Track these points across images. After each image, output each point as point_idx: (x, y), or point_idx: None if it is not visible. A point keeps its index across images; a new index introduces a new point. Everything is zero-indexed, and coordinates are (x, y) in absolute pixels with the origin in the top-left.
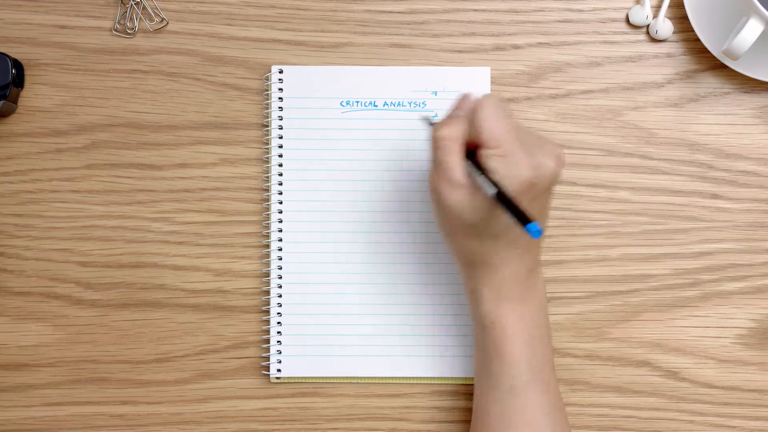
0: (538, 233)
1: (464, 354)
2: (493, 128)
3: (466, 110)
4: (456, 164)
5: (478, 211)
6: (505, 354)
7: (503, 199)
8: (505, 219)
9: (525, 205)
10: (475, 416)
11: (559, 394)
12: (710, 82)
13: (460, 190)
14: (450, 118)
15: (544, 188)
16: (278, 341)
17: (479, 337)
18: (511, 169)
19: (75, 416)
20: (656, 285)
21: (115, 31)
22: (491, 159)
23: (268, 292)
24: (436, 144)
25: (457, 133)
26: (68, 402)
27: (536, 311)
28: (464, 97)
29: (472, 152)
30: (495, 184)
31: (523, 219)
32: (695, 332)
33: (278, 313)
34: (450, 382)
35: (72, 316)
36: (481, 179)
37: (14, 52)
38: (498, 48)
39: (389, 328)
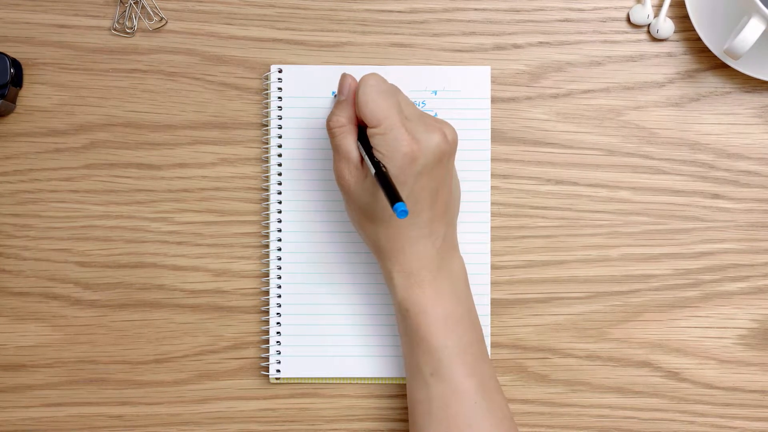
0: (404, 213)
1: None
2: (372, 107)
3: (347, 92)
4: (349, 147)
5: (369, 193)
6: (423, 339)
7: (380, 177)
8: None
9: (411, 180)
10: (409, 405)
11: (492, 375)
12: (711, 82)
13: (355, 172)
14: (338, 104)
15: (431, 163)
16: (277, 341)
17: (400, 325)
18: (392, 144)
19: (74, 417)
20: (657, 285)
21: (114, 30)
22: (374, 137)
23: (267, 293)
24: (330, 133)
25: (345, 118)
26: (67, 403)
27: (452, 293)
28: (343, 79)
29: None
30: (377, 162)
31: (392, 197)
32: (696, 333)
33: (277, 314)
34: None
35: (71, 316)
36: (367, 159)
37: (13, 51)
38: (498, 47)
39: (389, 329)
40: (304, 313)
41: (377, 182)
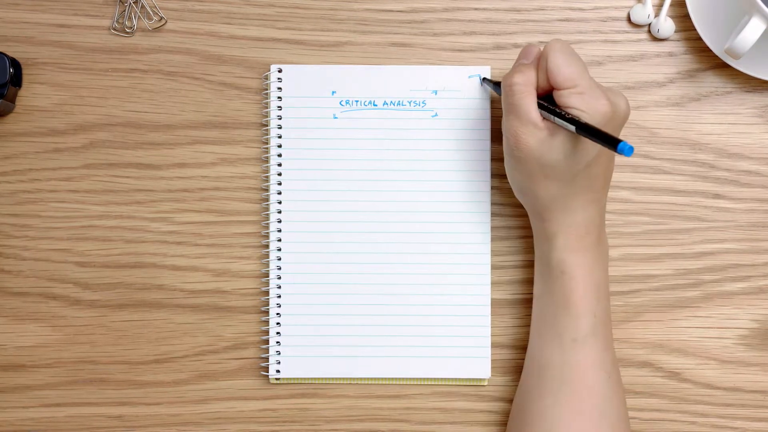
0: (631, 149)
1: (464, 355)
2: (567, 70)
3: (533, 58)
4: (532, 107)
5: (558, 151)
6: (572, 305)
7: (587, 128)
8: (585, 157)
9: None
10: (530, 366)
11: (615, 354)
12: (712, 82)
13: (538, 131)
14: (519, 66)
15: (618, 125)
16: (277, 342)
17: (547, 286)
18: (591, 103)
19: (73, 417)
20: (658, 285)
21: (114, 30)
22: (570, 97)
23: (267, 293)
24: (510, 90)
25: (529, 78)
26: (66, 403)
27: (605, 262)
28: (529, 46)
29: (543, 98)
30: (575, 120)
31: (612, 141)
32: (697, 333)
33: (277, 314)
34: (450, 383)
35: (70, 316)
36: (559, 120)
37: (12, 51)
38: (499, 47)
39: (389, 329)
40: (304, 313)
41: (583, 134)
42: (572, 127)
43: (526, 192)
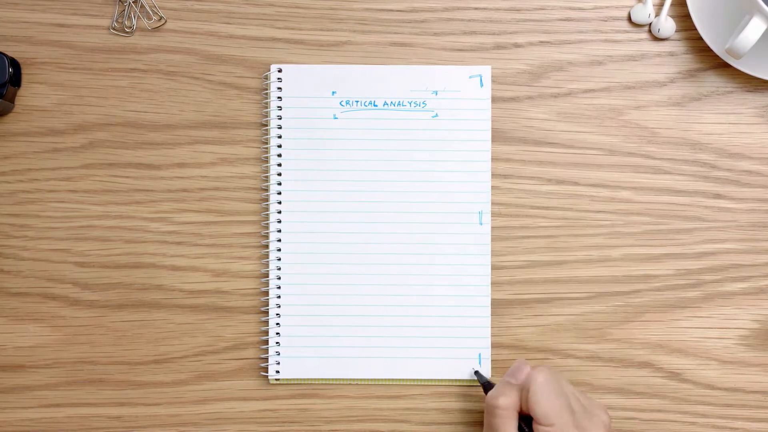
0: None
1: (464, 356)
2: (546, 406)
3: (521, 379)
4: (509, 431)
5: None
6: None
7: None
8: None
9: None
10: None
11: None
12: (713, 81)
13: None
14: (505, 385)
15: None
16: (277, 342)
17: None
18: None
19: (72, 418)
20: (658, 285)
21: (113, 29)
22: None
23: (267, 293)
24: (492, 411)
25: (512, 402)
26: (65, 403)
27: None
28: (519, 366)
29: (525, 419)
30: None
31: None
32: (698, 333)
33: (277, 314)
34: (450, 383)
35: (69, 316)
36: None
37: (11, 50)
38: (499, 47)
39: (389, 330)
40: (303, 314)
41: None
42: None
43: None
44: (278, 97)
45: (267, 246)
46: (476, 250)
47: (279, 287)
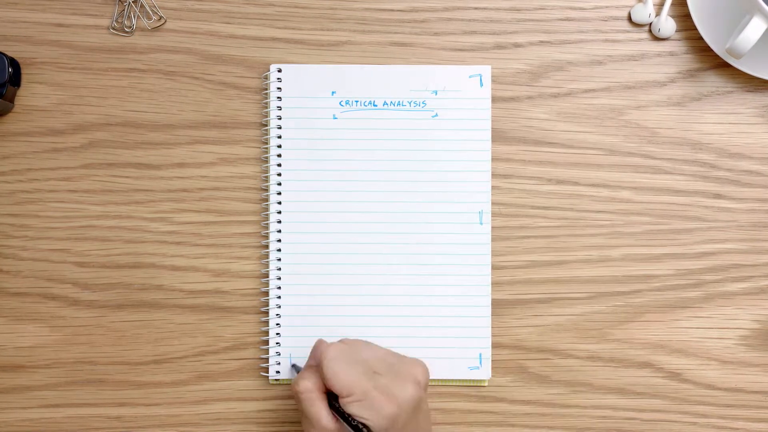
0: None
1: (464, 356)
2: (341, 379)
3: (318, 360)
4: (319, 413)
5: None
6: None
7: None
8: None
9: None
10: None
11: None
12: (713, 81)
13: None
14: (306, 369)
15: (410, 413)
16: (277, 342)
17: None
18: (371, 410)
19: (72, 418)
20: (659, 286)
21: (113, 29)
22: (350, 406)
23: (267, 293)
24: (297, 397)
25: (314, 384)
26: (65, 404)
27: None
28: (316, 346)
29: (335, 395)
30: (358, 426)
31: None
32: (698, 333)
33: (277, 314)
34: (449, 383)
35: (69, 317)
36: (347, 424)
37: (11, 50)
38: (499, 46)
39: (389, 330)
40: (303, 314)
41: None
42: None
43: None
44: (278, 97)
45: (267, 246)
46: (476, 249)
47: (279, 287)
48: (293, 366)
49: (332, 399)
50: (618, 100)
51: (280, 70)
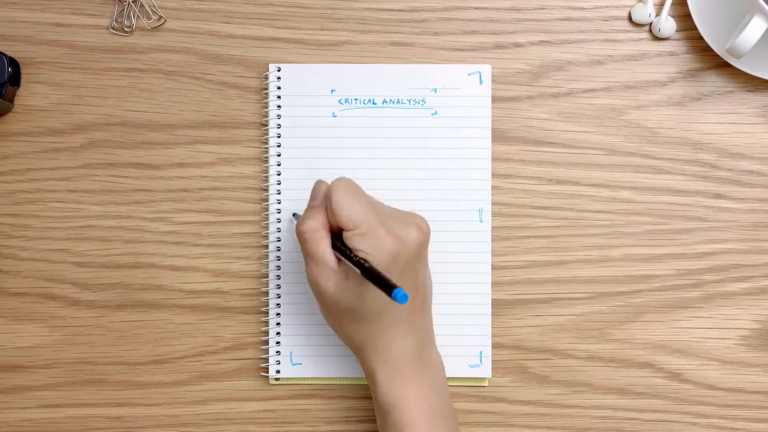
0: (404, 298)
1: (462, 354)
2: (348, 211)
3: (321, 198)
4: (324, 252)
5: (353, 294)
6: None
7: (368, 273)
8: (382, 297)
9: (396, 276)
10: None
11: None
12: (714, 81)
13: (333, 275)
14: (309, 209)
15: (412, 257)
16: (277, 342)
17: (381, 421)
18: (374, 245)
19: (71, 418)
20: (659, 286)
21: (112, 29)
22: (353, 239)
23: (266, 293)
24: (301, 238)
25: (318, 223)
26: (65, 404)
27: (434, 388)
28: (316, 186)
29: (340, 236)
30: (360, 261)
31: (387, 287)
32: (698, 333)
33: (277, 314)
34: (450, 383)
35: (69, 317)
36: (348, 262)
37: (10, 50)
38: (499, 46)
39: None
40: (303, 314)
41: (366, 278)
42: (358, 270)
43: (338, 333)
44: (278, 96)
45: (267, 246)
46: (476, 248)
47: (279, 287)
48: (294, 215)
49: (334, 240)
50: (618, 100)
51: (279, 70)
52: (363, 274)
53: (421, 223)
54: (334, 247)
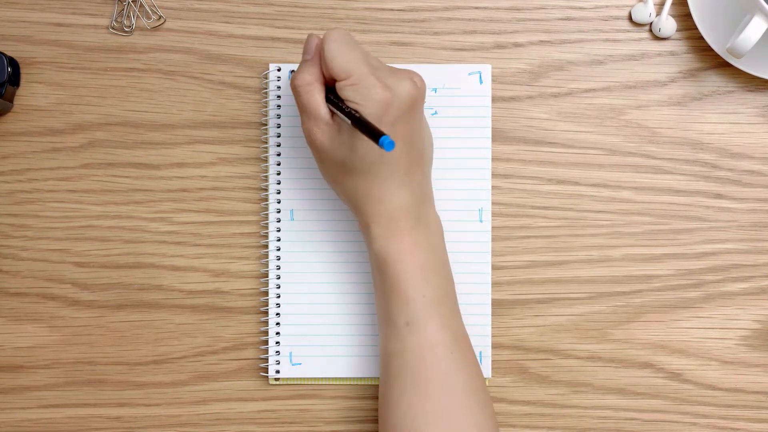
0: (391, 145)
1: None
2: (341, 61)
3: (314, 51)
4: (318, 105)
5: (346, 146)
6: (399, 289)
7: (358, 122)
8: (375, 148)
9: (387, 128)
10: (381, 359)
11: (464, 332)
12: (714, 81)
13: (327, 129)
14: (303, 63)
15: (404, 110)
16: (277, 342)
17: (377, 276)
18: (365, 94)
19: (71, 418)
20: (659, 286)
21: (112, 29)
22: (345, 89)
23: (266, 293)
24: (295, 92)
25: (311, 76)
26: (64, 404)
27: (428, 243)
28: (308, 40)
29: (334, 89)
30: (350, 111)
31: (374, 135)
32: (698, 333)
33: (277, 314)
34: None
35: (68, 317)
36: (339, 112)
37: (10, 50)
38: (499, 46)
39: None
40: (303, 313)
41: (356, 128)
42: (349, 121)
43: (334, 188)
44: (277, 96)
45: (266, 246)
46: (476, 248)
47: (279, 287)
48: (291, 71)
49: (328, 93)
50: (618, 99)
51: (279, 70)
52: (353, 123)
53: (416, 78)
54: (328, 100)
